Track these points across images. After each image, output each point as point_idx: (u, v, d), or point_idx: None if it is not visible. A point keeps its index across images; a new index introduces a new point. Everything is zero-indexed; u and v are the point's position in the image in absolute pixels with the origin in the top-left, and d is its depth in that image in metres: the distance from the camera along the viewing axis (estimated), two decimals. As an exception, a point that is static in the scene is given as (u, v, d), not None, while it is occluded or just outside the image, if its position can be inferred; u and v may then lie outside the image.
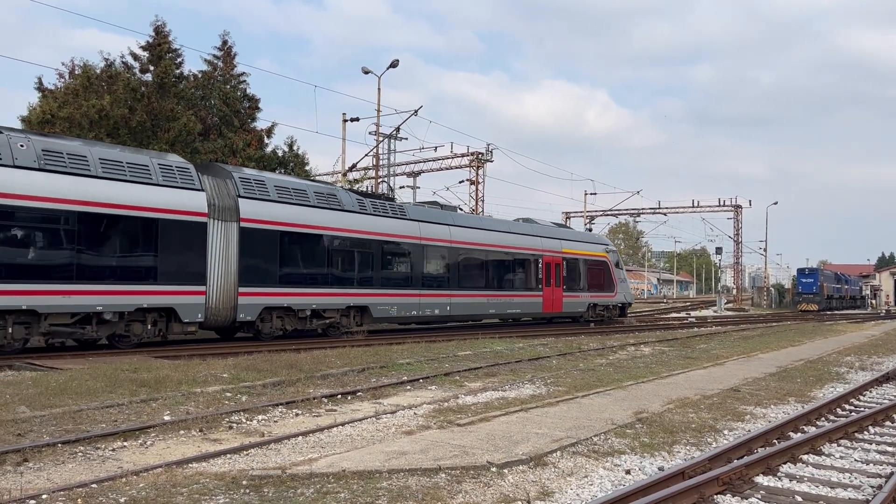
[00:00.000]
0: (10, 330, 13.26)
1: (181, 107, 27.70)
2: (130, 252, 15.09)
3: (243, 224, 17.15)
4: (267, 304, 17.69)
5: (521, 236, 27.49)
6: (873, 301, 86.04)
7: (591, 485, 6.26)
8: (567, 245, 30.01)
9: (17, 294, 13.13)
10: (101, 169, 14.63)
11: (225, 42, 32.22)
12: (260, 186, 17.95)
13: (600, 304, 31.70)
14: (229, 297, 16.87)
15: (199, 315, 16.14)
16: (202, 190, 16.39)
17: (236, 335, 18.85)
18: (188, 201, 15.99)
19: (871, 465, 7.34)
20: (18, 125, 25.70)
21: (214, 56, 31.98)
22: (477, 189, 44.06)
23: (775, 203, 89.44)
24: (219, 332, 18.57)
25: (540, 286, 27.83)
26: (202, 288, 16.16)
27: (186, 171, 16.33)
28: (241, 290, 17.05)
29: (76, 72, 26.95)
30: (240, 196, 17.26)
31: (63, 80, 27.54)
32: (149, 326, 15.46)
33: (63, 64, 30.96)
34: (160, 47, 28.05)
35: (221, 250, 16.72)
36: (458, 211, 27.73)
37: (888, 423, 9.56)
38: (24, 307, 13.24)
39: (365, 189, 34.54)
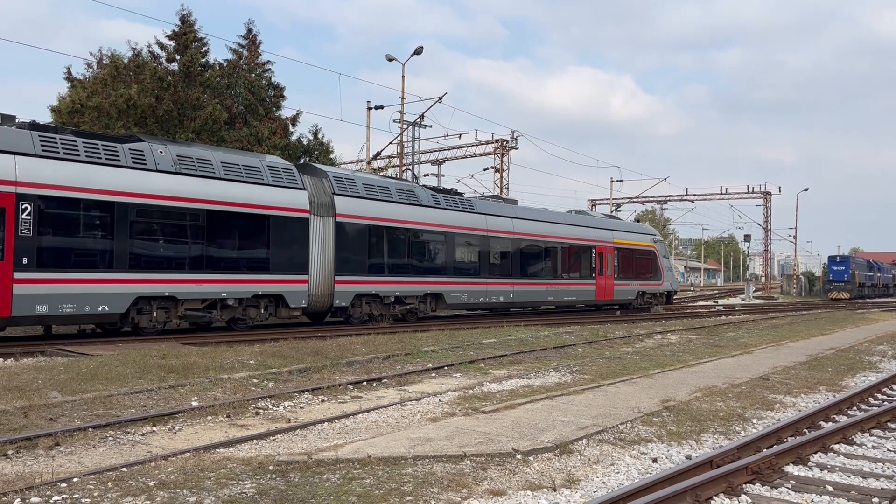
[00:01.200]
0: (154, 314, 15.25)
1: (207, 95, 27.86)
2: (248, 245, 16.98)
3: (338, 219, 19.00)
4: (358, 292, 19.58)
5: (576, 227, 28.92)
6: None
7: (618, 473, 6.21)
8: (618, 235, 31.31)
9: (161, 283, 15.21)
10: (223, 171, 16.56)
11: (250, 31, 32.32)
12: (351, 184, 19.78)
13: (648, 291, 32.96)
14: (327, 285, 18.74)
15: (303, 301, 18.08)
16: (304, 189, 18.26)
17: (324, 320, 20.37)
18: (293, 199, 17.87)
19: (905, 455, 7.20)
20: (49, 115, 26.09)
21: (239, 45, 32.10)
22: (501, 177, 43.89)
23: (805, 189, 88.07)
24: (310, 317, 20.04)
25: (593, 275, 29.25)
26: (305, 277, 18.05)
27: (290, 171, 18.27)
28: (337, 278, 18.91)
29: (104, 62, 27.26)
30: (335, 193, 19.09)
31: (91, 70, 27.88)
32: (262, 311, 17.32)
33: (91, 54, 31.38)
34: (186, 36, 28.21)
35: (320, 243, 18.55)
36: (518, 203, 28.78)
37: (922, 412, 9.37)
38: (166, 294, 15.33)
39: (390, 176, 34.61)
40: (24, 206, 13.23)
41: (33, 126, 14.55)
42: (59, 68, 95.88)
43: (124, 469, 5.80)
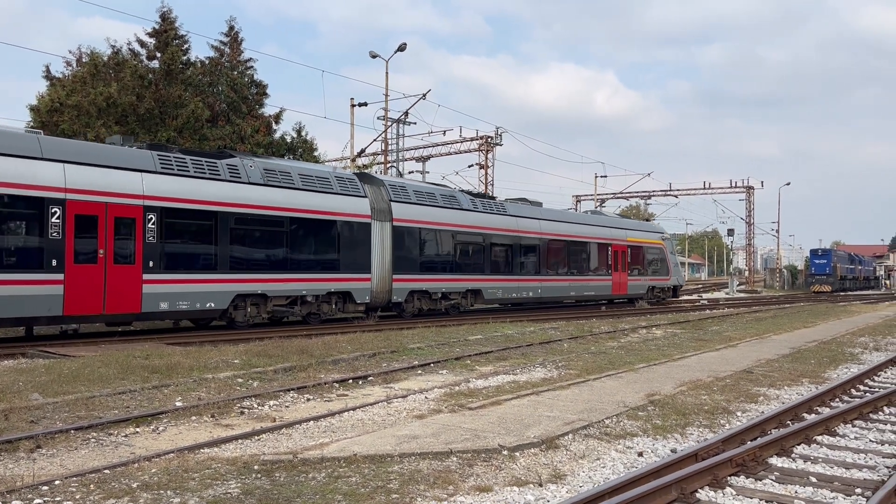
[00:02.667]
0: (248, 309, 17.26)
1: (189, 93, 27.64)
2: (322, 248, 18.94)
3: (395, 223, 21.05)
4: (412, 289, 21.67)
5: (594, 227, 31.05)
6: (887, 281, 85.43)
7: (604, 467, 6.23)
8: (630, 234, 33.46)
9: (255, 282, 17.25)
10: (301, 182, 18.55)
11: (231, 28, 32.11)
12: (403, 191, 21.95)
13: (658, 286, 35.19)
14: (386, 282, 20.76)
15: (367, 297, 20.06)
16: (365, 196, 20.26)
17: (378, 314, 21.80)
18: (358, 206, 19.91)
19: (887, 445, 7.27)
20: (27, 114, 25.77)
21: (221, 42, 31.88)
22: (486, 173, 43.91)
23: (788, 184, 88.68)
24: (366, 311, 21.41)
25: (610, 271, 31.30)
26: (368, 276, 20.06)
27: (354, 181, 20.38)
28: (395, 276, 20.94)
29: (83, 60, 26.94)
30: (391, 200, 21.14)
31: (70, 68, 27.54)
32: (333, 306, 19.29)
33: (70, 52, 30.98)
34: (167, 34, 27.97)
35: (380, 245, 20.52)
36: (543, 206, 30.62)
37: (903, 403, 9.47)
38: (259, 292, 17.37)
39: (375, 173, 34.59)
40: (149, 217, 15.21)
41: (151, 146, 16.60)
42: (38, 66, 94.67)
43: (107, 471, 5.74)
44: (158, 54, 27.90)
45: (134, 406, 8.26)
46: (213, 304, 16.35)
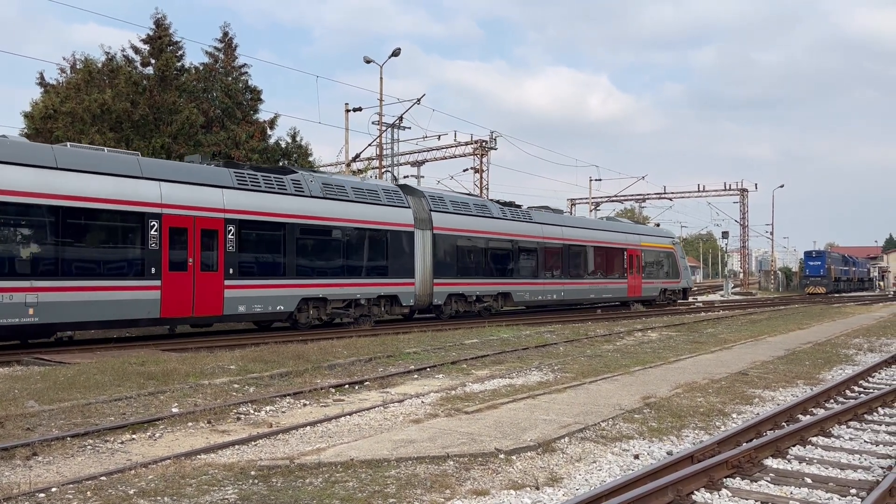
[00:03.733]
0: (310, 312, 18.82)
1: (183, 99, 27.65)
2: (373, 255, 20.53)
3: (435, 231, 22.62)
4: (450, 292, 23.22)
5: (611, 233, 32.66)
6: (881, 283, 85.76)
7: (600, 470, 6.25)
8: (644, 239, 35.05)
9: (317, 286, 18.87)
10: (354, 195, 20.23)
11: (226, 34, 32.16)
12: (441, 202, 23.56)
13: (669, 289, 36.89)
14: (427, 286, 22.28)
15: (411, 300, 21.68)
16: (409, 207, 21.88)
17: (414, 316, 23.52)
18: (403, 216, 21.52)
19: (881, 445, 7.31)
20: (21, 121, 25.76)
21: (215, 48, 31.92)
22: (481, 177, 43.98)
23: (781, 186, 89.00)
24: (405, 315, 23.38)
25: (625, 275, 32.82)
26: (412, 280, 21.64)
27: (398, 192, 22.08)
28: (435, 281, 22.52)
29: (77, 66, 26.93)
30: (431, 210, 22.75)
31: (65, 74, 27.55)
32: (381, 308, 20.94)
33: (64, 59, 30.92)
34: (161, 40, 27.99)
35: (422, 252, 22.07)
36: (565, 213, 32.68)
37: (898, 404, 9.52)
38: (320, 296, 18.96)
39: (370, 178, 34.65)
40: (228, 228, 16.75)
41: (227, 164, 19.00)
42: (32, 73, 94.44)
43: (104, 478, 5.73)
44: (153, 60, 27.93)
45: (130, 413, 8.25)
46: (282, 307, 18.01)
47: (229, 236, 16.74)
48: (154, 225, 15.42)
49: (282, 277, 17.96)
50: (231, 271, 16.76)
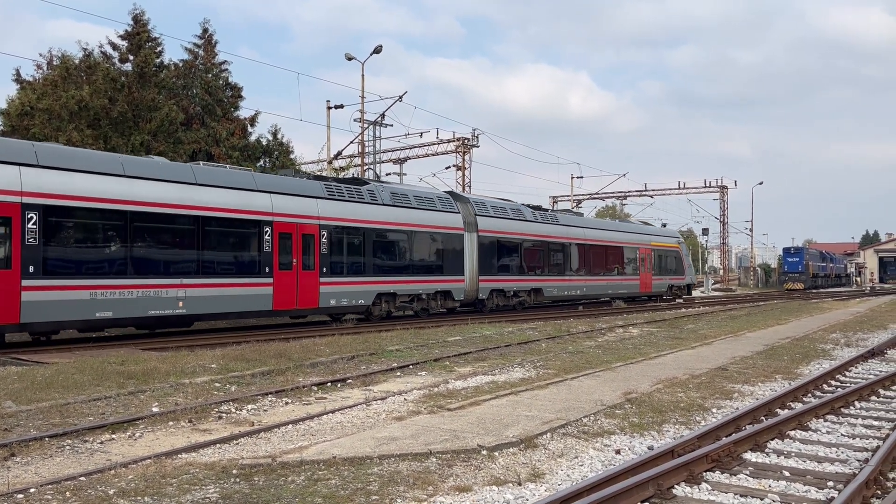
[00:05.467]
0: (383, 305, 21.32)
1: (162, 96, 27.36)
2: (431, 255, 23.19)
3: (479, 234, 25.17)
4: (492, 288, 25.83)
5: (625, 233, 35.41)
6: (858, 279, 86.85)
7: (582, 465, 6.29)
8: (653, 239, 37.84)
9: (389, 283, 21.46)
10: (415, 202, 22.81)
11: (205, 30, 31.84)
12: (483, 207, 26.18)
13: (675, 285, 39.55)
14: (474, 283, 24.88)
15: (462, 295, 24.28)
16: (458, 212, 24.52)
17: (456, 309, 25.05)
18: (454, 220, 24.18)
19: (858, 439, 7.41)
20: (-3, 118, 25.35)
21: (195, 45, 31.60)
22: (463, 175, 44.00)
23: (760, 183, 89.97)
24: (463, 305, 25.43)
25: (637, 272, 35.57)
26: (462, 277, 24.27)
27: (448, 199, 24.66)
28: (480, 278, 25.07)
29: (54, 63, 26.56)
30: (476, 214, 25.31)
31: (41, 71, 27.14)
32: (437, 303, 23.41)
33: (41, 55, 30.47)
34: (139, 36, 27.66)
35: (470, 252, 24.65)
36: (584, 215, 35.83)
37: (874, 397, 9.66)
38: (392, 291, 21.56)
39: (352, 176, 34.59)
40: (322, 233, 19.40)
41: (316, 177, 21.98)
42: (7, 70, 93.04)
43: (83, 478, 5.68)
44: (131, 57, 27.59)
45: (109, 412, 8.18)
46: (363, 301, 20.62)
47: (323, 240, 19.45)
48: (267, 231, 18.04)
49: (362, 276, 20.64)
50: (325, 270, 19.46)
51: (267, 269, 17.94)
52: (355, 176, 36.08)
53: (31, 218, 13.81)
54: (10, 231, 13.53)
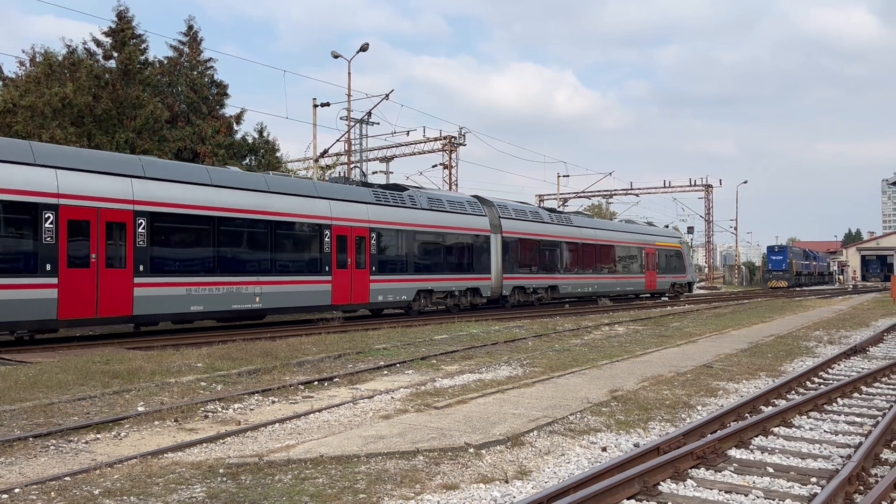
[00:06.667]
0: (421, 301, 23.33)
1: (147, 94, 27.18)
2: (462, 255, 25.34)
3: (503, 235, 27.26)
4: (514, 285, 27.92)
5: (632, 234, 37.66)
6: (841, 277, 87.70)
7: (568, 463, 6.32)
8: (657, 239, 39.99)
9: (427, 281, 23.58)
10: (448, 206, 25.06)
11: (191, 27, 31.67)
12: (506, 210, 28.30)
13: (677, 283, 41.68)
14: (499, 280, 27.02)
15: (489, 292, 26.38)
16: (485, 215, 26.68)
17: (477, 306, 26.47)
18: (482, 223, 26.33)
19: (841, 435, 7.49)
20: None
21: (180, 42, 31.42)
22: (450, 173, 44.01)
23: (745, 182, 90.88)
24: (490, 302, 27.53)
25: (643, 270, 37.81)
26: (489, 276, 26.45)
27: (477, 203, 26.83)
28: (504, 276, 27.21)
29: (37, 59, 26.31)
30: (500, 217, 27.47)
31: (24, 68, 26.90)
32: (467, 299, 25.54)
33: (24, 52, 30.18)
34: (123, 33, 27.46)
35: (495, 252, 26.75)
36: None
37: (856, 394, 9.77)
38: (429, 288, 23.68)
39: (338, 174, 34.57)
40: (372, 235, 21.49)
41: (364, 184, 24.16)
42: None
43: (68, 478, 5.64)
44: (115, 54, 27.40)
45: (94, 412, 8.12)
46: (405, 297, 22.64)
47: (372, 241, 21.44)
48: (327, 234, 20.07)
49: (405, 274, 22.70)
50: (374, 269, 21.51)
51: (326, 268, 20.01)
52: (342, 174, 36.02)
53: (141, 223, 15.76)
54: (125, 235, 15.52)
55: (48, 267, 14.19)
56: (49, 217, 14.25)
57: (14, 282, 13.80)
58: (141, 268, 15.68)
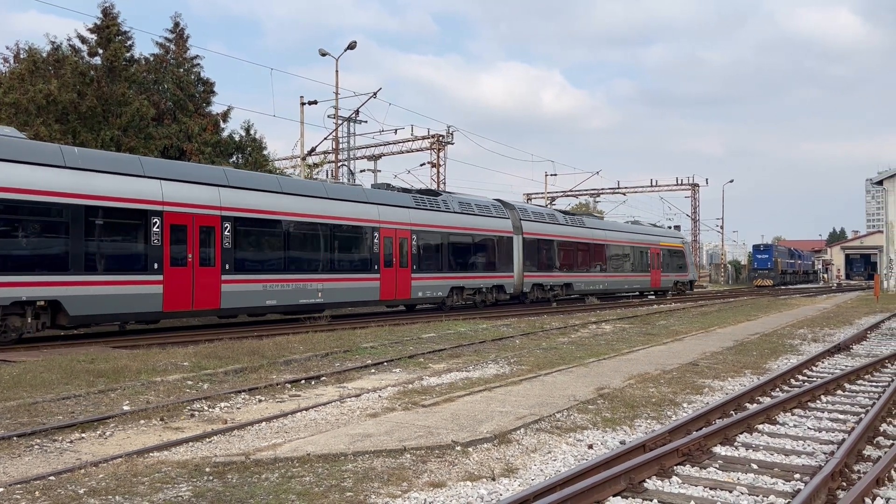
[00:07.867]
0: (454, 297, 25.50)
1: (133, 91, 26.98)
2: (488, 255, 27.24)
3: (524, 236, 29.35)
4: (534, 283, 30.14)
5: (640, 235, 39.69)
6: (825, 275, 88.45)
7: (555, 460, 6.34)
8: (661, 239, 41.98)
9: (460, 279, 25.60)
10: (476, 210, 27.05)
11: (177, 24, 31.45)
12: (526, 213, 30.53)
13: (679, 281, 43.95)
14: (520, 278, 29.10)
15: (511, 289, 28.44)
16: (508, 218, 28.71)
17: (496, 303, 28.47)
18: (505, 225, 28.36)
19: (824, 432, 7.56)
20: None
21: (166, 39, 31.21)
22: (438, 172, 44.01)
23: (731, 181, 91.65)
24: (512, 298, 29.62)
25: (649, 270, 39.87)
26: (511, 274, 28.49)
27: (500, 207, 28.85)
28: (525, 274, 29.28)
29: (21, 56, 26.05)
30: (521, 219, 29.61)
31: (8, 64, 26.63)
32: (493, 295, 27.54)
33: (7, 48, 29.87)
34: (109, 30, 27.23)
35: (517, 252, 28.78)
36: (603, 218, 43.21)
37: (839, 391, 9.86)
38: (461, 286, 25.73)
39: (325, 173, 34.52)
40: (413, 237, 23.53)
41: (404, 190, 25.91)
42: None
43: (52, 477, 5.60)
44: (101, 51, 27.16)
45: (79, 411, 8.06)
46: (440, 294, 24.77)
47: (413, 243, 23.51)
48: (376, 235, 22.15)
49: (440, 272, 24.68)
50: (415, 267, 23.51)
51: (375, 267, 22.04)
52: (330, 173, 36.01)
53: (226, 227, 17.59)
54: (214, 238, 17.31)
55: (155, 265, 16.08)
56: (156, 222, 16.18)
57: (128, 278, 15.61)
58: (227, 266, 17.48)
